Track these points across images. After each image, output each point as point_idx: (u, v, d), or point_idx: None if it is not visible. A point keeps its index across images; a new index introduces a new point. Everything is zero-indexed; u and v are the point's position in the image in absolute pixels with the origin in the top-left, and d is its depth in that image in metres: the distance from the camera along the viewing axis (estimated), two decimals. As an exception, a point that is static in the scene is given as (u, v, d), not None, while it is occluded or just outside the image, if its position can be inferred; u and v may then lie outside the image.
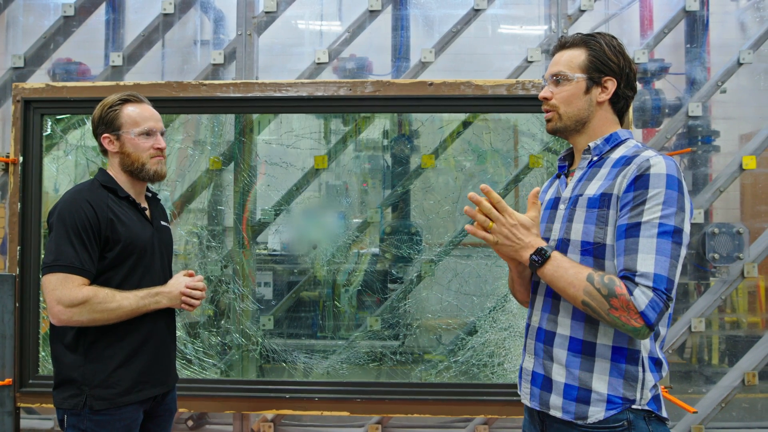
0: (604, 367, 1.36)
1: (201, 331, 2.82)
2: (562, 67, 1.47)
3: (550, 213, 1.51)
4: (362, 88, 2.57)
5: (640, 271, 1.27)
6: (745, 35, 3.26)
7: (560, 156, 1.59)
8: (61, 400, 1.73)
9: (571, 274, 1.32)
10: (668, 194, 1.29)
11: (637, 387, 1.35)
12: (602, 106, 1.47)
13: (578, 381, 1.37)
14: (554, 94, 1.47)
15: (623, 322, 1.26)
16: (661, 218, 1.28)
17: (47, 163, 2.68)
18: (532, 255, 1.35)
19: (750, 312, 3.26)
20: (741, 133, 3.39)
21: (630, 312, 1.25)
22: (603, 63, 1.45)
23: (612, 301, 1.26)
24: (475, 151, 2.86)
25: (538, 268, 1.36)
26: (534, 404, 1.45)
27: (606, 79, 1.45)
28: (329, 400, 2.54)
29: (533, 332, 1.49)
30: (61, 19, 3.24)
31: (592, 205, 1.38)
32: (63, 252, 1.67)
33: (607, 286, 1.27)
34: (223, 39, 3.35)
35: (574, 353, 1.38)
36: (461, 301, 2.81)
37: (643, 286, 1.26)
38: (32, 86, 2.62)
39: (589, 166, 1.47)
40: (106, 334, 1.73)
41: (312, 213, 2.95)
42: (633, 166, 1.34)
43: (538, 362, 1.45)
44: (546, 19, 3.14)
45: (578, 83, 1.45)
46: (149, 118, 1.82)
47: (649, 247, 1.27)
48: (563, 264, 1.34)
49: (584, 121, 1.47)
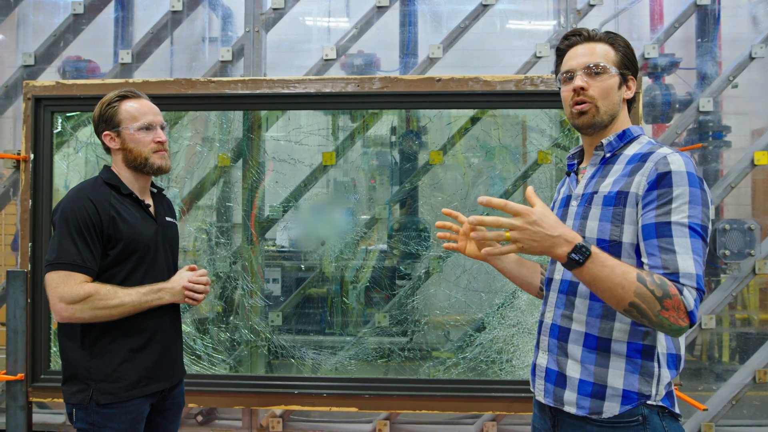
0: (620, 362, 1.35)
1: (210, 327, 2.84)
2: (599, 59, 1.43)
3: (563, 211, 1.50)
4: (370, 84, 2.57)
5: (683, 272, 1.25)
6: (757, 29, 3.22)
7: (569, 154, 1.58)
8: (69, 394, 1.75)
9: (619, 274, 1.22)
10: (692, 192, 1.29)
11: (652, 382, 1.34)
12: (624, 104, 1.47)
13: (593, 377, 1.36)
14: (592, 85, 1.43)
15: (671, 323, 1.23)
16: (690, 218, 1.28)
17: (58, 161, 2.70)
18: (571, 254, 1.22)
19: (761, 309, 3.23)
20: (752, 129, 3.35)
21: (680, 312, 1.23)
22: (631, 61, 1.46)
23: (665, 302, 1.23)
24: (484, 147, 2.85)
25: (577, 267, 1.24)
26: (548, 400, 1.44)
27: (631, 77, 1.46)
28: (338, 396, 2.55)
29: (546, 329, 1.48)
30: (71, 17, 3.26)
31: (607, 202, 1.37)
32: (65, 250, 1.69)
33: (660, 287, 1.23)
34: (231, 36, 3.35)
35: (589, 349, 1.38)
36: (469, 297, 2.81)
37: (689, 286, 1.25)
38: (43, 84, 2.64)
39: (602, 163, 1.45)
40: (111, 329, 1.75)
41: (320, 209, 2.95)
42: (650, 164, 1.33)
43: (552, 359, 1.44)
44: (555, 14, 3.12)
45: (614, 78, 1.43)
46: (147, 113, 1.82)
47: (686, 248, 1.27)
48: (607, 262, 1.24)
49: (614, 117, 1.45)
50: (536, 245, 1.21)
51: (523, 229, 1.20)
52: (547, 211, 1.23)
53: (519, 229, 1.20)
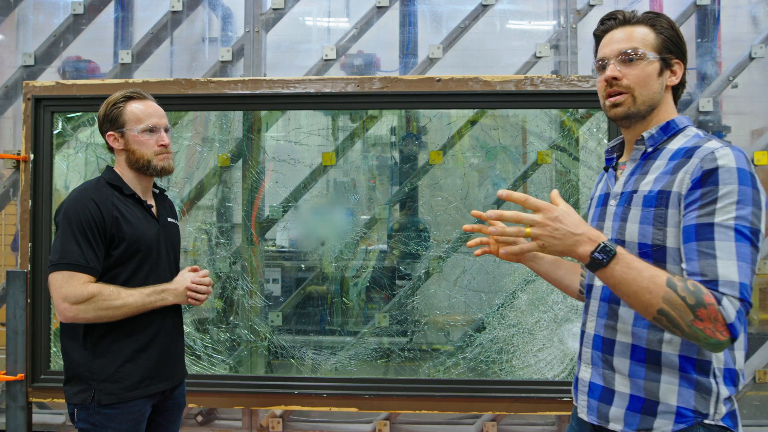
0: (673, 376, 1.22)
1: (210, 328, 2.84)
2: (633, 43, 1.30)
3: (601, 210, 1.37)
4: (370, 84, 2.57)
5: (723, 279, 1.12)
6: (757, 29, 3.22)
7: (608, 147, 1.44)
8: (71, 394, 1.76)
9: (646, 278, 1.12)
10: (742, 191, 1.14)
11: (710, 400, 1.21)
12: (667, 92, 1.33)
13: (644, 391, 1.24)
14: (625, 74, 1.30)
15: (706, 335, 1.10)
16: (736, 219, 1.14)
17: (58, 161, 2.70)
18: (594, 253, 1.14)
19: (761, 309, 3.23)
20: (752, 129, 3.35)
21: (717, 324, 1.10)
22: (674, 43, 1.31)
23: (699, 311, 1.10)
24: (484, 148, 2.85)
25: (601, 269, 1.14)
26: (591, 418, 1.31)
27: (676, 61, 1.32)
28: (337, 396, 2.55)
29: (589, 340, 1.35)
30: (71, 18, 3.26)
31: (648, 203, 1.24)
32: (68, 250, 1.69)
33: (693, 294, 1.10)
34: (231, 36, 3.35)
35: (637, 362, 1.25)
36: (469, 297, 2.81)
37: (730, 296, 1.11)
38: (42, 84, 2.64)
39: (643, 158, 1.32)
40: (113, 330, 1.75)
41: (320, 210, 2.95)
42: (695, 160, 1.19)
43: (597, 372, 1.32)
44: (555, 14, 3.12)
45: (653, 63, 1.29)
46: (152, 115, 1.83)
47: (729, 252, 1.13)
48: (634, 263, 1.13)
49: (654, 107, 1.32)
50: (558, 243, 1.14)
51: (545, 225, 1.14)
52: (571, 210, 1.17)
53: (540, 225, 1.14)
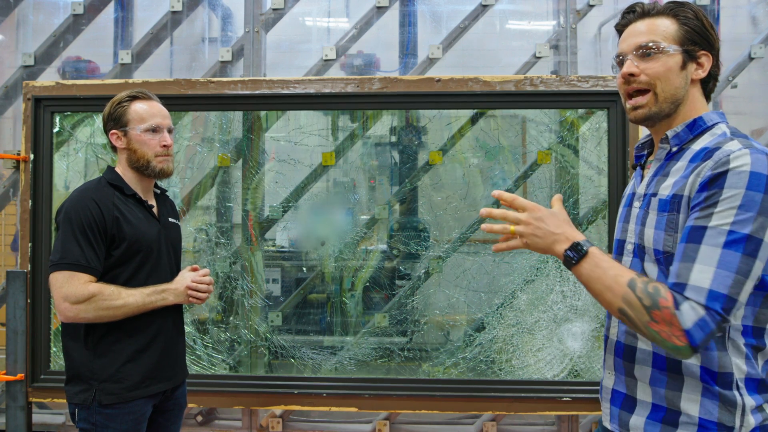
0: (695, 386, 1.17)
1: (210, 328, 2.84)
2: (650, 36, 1.22)
3: (627, 211, 1.33)
4: (370, 84, 2.57)
5: (692, 284, 1.08)
6: (757, 29, 3.22)
7: (638, 144, 1.39)
8: (72, 394, 1.76)
9: (610, 276, 1.13)
10: (748, 196, 1.07)
11: (736, 413, 1.15)
12: (694, 86, 1.25)
13: (665, 401, 1.20)
14: (643, 70, 1.23)
15: (663, 338, 1.10)
16: (733, 224, 1.07)
17: (57, 161, 2.70)
18: (567, 250, 1.16)
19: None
20: (752, 129, 3.36)
21: (673, 328, 1.08)
22: (699, 34, 1.22)
23: (654, 313, 1.09)
24: (483, 148, 2.85)
25: (573, 266, 1.17)
26: (613, 426, 1.29)
27: (702, 53, 1.24)
28: (337, 396, 2.55)
29: (612, 346, 1.32)
30: (71, 18, 3.26)
31: (662, 208, 1.20)
32: (69, 250, 1.70)
33: (650, 296, 1.10)
34: (230, 36, 3.35)
35: (659, 371, 1.21)
36: (469, 297, 2.81)
37: (694, 302, 1.08)
38: (42, 84, 2.64)
39: (667, 158, 1.26)
40: (114, 330, 1.75)
41: (320, 210, 2.95)
42: (710, 163, 1.13)
43: (619, 379, 1.29)
44: (554, 14, 3.12)
45: (674, 56, 1.22)
46: (156, 115, 1.83)
47: (711, 258, 1.08)
48: (602, 263, 1.14)
49: (678, 104, 1.24)
50: (539, 241, 1.19)
51: (528, 223, 1.19)
52: (560, 213, 1.21)
53: (524, 224, 1.19)
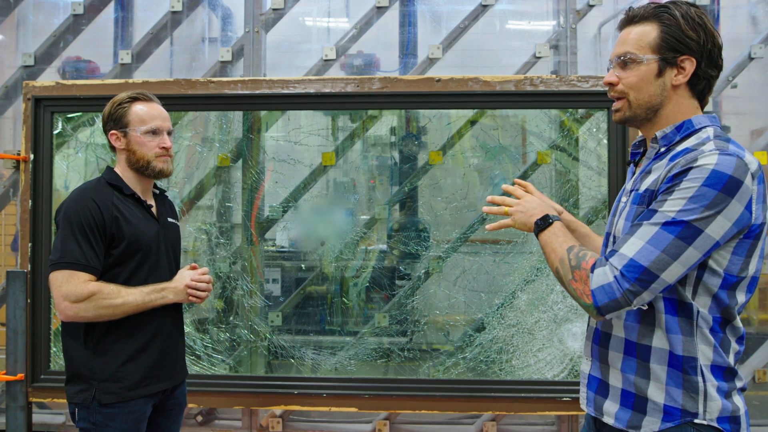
0: (661, 373, 1.23)
1: (210, 328, 2.84)
2: (630, 47, 1.28)
3: (616, 206, 1.41)
4: (370, 84, 2.57)
5: (619, 252, 1.18)
6: (757, 29, 3.22)
7: (634, 142, 1.44)
8: (72, 394, 1.76)
9: (559, 242, 1.30)
10: (702, 190, 1.13)
11: (698, 399, 1.21)
12: (678, 90, 1.28)
13: (634, 387, 1.26)
14: (621, 79, 1.29)
15: (577, 296, 1.23)
16: (678, 212, 1.14)
17: (58, 161, 2.70)
18: (538, 220, 1.36)
19: (761, 309, 3.23)
20: (752, 129, 3.36)
21: (585, 287, 1.20)
22: (678, 40, 1.24)
23: (575, 272, 1.23)
24: (483, 148, 2.85)
25: (538, 233, 1.36)
26: (590, 409, 1.37)
27: (683, 58, 1.25)
28: (337, 396, 2.55)
29: (591, 333, 1.40)
30: (71, 18, 3.26)
31: (635, 200, 1.28)
32: (68, 249, 1.70)
33: (578, 258, 1.24)
34: (230, 36, 3.35)
35: (629, 357, 1.28)
36: (469, 297, 2.81)
37: (610, 266, 1.18)
38: (42, 84, 2.64)
39: (655, 158, 1.31)
40: (114, 329, 1.75)
41: (320, 210, 2.95)
42: (682, 160, 1.18)
43: (595, 365, 1.36)
44: (554, 14, 3.12)
45: (649, 65, 1.26)
46: (156, 117, 1.84)
47: (645, 234, 1.16)
48: (557, 233, 1.32)
49: (656, 109, 1.29)
50: (522, 216, 1.41)
51: (519, 204, 1.44)
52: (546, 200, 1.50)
53: (516, 205, 1.44)
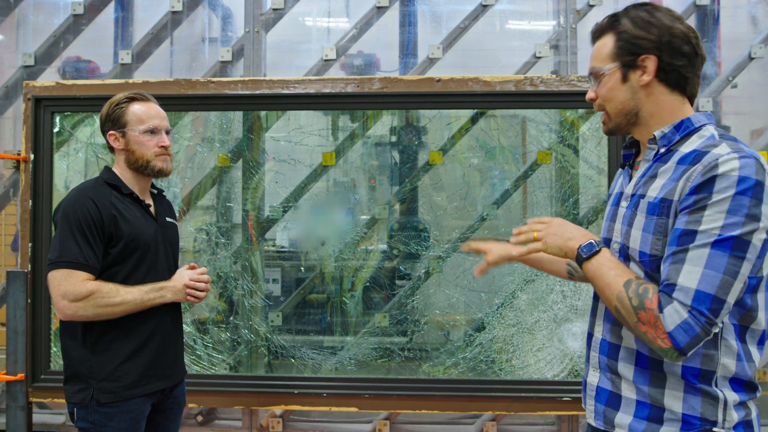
0: (677, 383, 1.20)
1: (210, 327, 2.84)
2: (594, 62, 1.32)
3: (614, 210, 1.36)
4: (370, 84, 2.57)
5: (680, 285, 1.10)
6: (757, 29, 3.22)
7: (625, 143, 1.41)
8: (70, 393, 1.76)
9: (612, 276, 1.19)
10: (737, 200, 1.09)
11: (718, 407, 1.18)
12: (650, 89, 1.26)
13: (649, 398, 1.22)
14: (597, 94, 1.32)
15: (650, 339, 1.13)
16: (722, 228, 1.09)
17: (58, 161, 2.71)
18: (582, 246, 1.24)
19: (761, 309, 3.23)
20: (752, 129, 3.36)
21: (657, 330, 1.11)
22: (631, 42, 1.25)
23: (640, 314, 1.13)
24: (484, 147, 2.85)
25: (583, 261, 1.24)
26: (598, 423, 1.31)
27: (642, 58, 1.25)
28: (337, 396, 2.55)
29: (596, 344, 1.35)
30: (71, 18, 3.26)
31: (651, 211, 1.22)
32: (67, 248, 1.70)
33: (639, 296, 1.14)
34: (231, 36, 3.35)
35: (641, 369, 1.24)
36: (469, 297, 2.81)
37: (678, 303, 1.10)
38: (43, 84, 2.64)
39: (655, 160, 1.28)
40: (112, 328, 1.76)
41: (320, 210, 2.95)
42: (699, 167, 1.14)
43: (604, 377, 1.31)
44: (554, 14, 3.12)
45: (612, 74, 1.28)
46: (154, 117, 1.85)
47: (699, 259, 1.09)
48: (607, 262, 1.21)
49: (634, 112, 1.28)
50: (557, 238, 1.29)
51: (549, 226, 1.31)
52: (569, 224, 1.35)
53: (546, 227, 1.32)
